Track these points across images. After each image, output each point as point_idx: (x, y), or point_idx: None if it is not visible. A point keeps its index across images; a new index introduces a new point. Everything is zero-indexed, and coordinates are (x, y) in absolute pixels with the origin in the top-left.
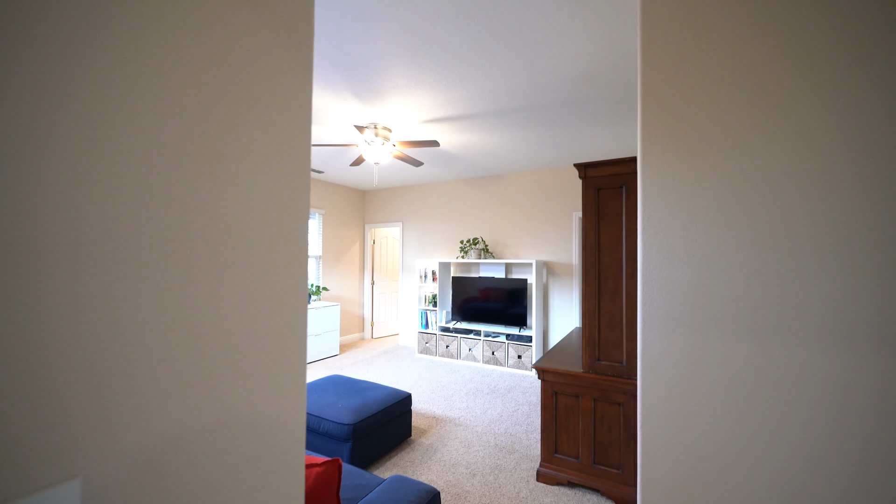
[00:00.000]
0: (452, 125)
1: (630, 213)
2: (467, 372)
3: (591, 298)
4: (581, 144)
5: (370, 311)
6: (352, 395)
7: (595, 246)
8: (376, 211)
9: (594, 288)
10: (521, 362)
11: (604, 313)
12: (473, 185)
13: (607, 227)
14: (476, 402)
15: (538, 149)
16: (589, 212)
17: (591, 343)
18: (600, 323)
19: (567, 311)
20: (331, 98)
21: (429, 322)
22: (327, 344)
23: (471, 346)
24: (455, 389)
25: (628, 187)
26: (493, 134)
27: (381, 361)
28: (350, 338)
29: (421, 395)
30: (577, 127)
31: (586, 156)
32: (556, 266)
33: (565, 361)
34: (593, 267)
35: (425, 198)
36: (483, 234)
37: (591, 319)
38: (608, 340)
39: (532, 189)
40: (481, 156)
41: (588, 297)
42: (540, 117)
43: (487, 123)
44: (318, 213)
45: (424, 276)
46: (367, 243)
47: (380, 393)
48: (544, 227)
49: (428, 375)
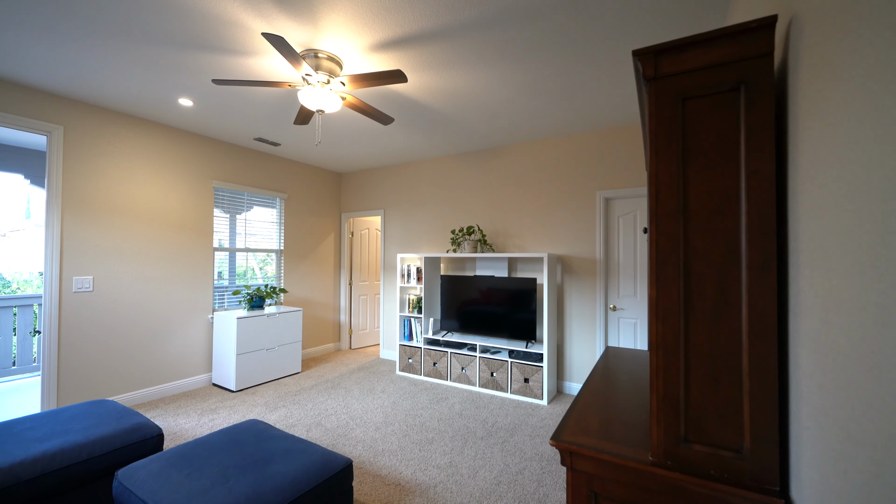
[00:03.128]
0: (424, 52)
1: (757, 141)
2: (458, 399)
3: (668, 315)
4: (612, 92)
5: (347, 317)
6: (249, 469)
7: (677, 211)
8: (354, 197)
9: (675, 294)
10: (528, 388)
11: (697, 346)
12: (468, 161)
13: (704, 175)
14: (464, 455)
15: (548, 104)
16: (663, 145)
17: (671, 405)
18: (689, 364)
19: (589, 320)
20: (238, 5)
21: (413, 332)
22: (285, 359)
23: (464, 364)
24: (438, 430)
25: (754, 89)
26: (484, 70)
27: (350, 383)
28: (322, 349)
29: (387, 441)
30: (608, 49)
31: (616, 115)
32: (575, 262)
33: (610, 428)
34: (673, 252)
35: (409, 179)
36: (480, 223)
37: (670, 357)
38: (707, 402)
39: (542, 163)
40: (474, 115)
41: (664, 313)
42: (549, 30)
43: (472, 47)
44: (277, 198)
45: (407, 274)
46: (343, 236)
47: (299, 464)
48: (558, 213)
49: (405, 405)
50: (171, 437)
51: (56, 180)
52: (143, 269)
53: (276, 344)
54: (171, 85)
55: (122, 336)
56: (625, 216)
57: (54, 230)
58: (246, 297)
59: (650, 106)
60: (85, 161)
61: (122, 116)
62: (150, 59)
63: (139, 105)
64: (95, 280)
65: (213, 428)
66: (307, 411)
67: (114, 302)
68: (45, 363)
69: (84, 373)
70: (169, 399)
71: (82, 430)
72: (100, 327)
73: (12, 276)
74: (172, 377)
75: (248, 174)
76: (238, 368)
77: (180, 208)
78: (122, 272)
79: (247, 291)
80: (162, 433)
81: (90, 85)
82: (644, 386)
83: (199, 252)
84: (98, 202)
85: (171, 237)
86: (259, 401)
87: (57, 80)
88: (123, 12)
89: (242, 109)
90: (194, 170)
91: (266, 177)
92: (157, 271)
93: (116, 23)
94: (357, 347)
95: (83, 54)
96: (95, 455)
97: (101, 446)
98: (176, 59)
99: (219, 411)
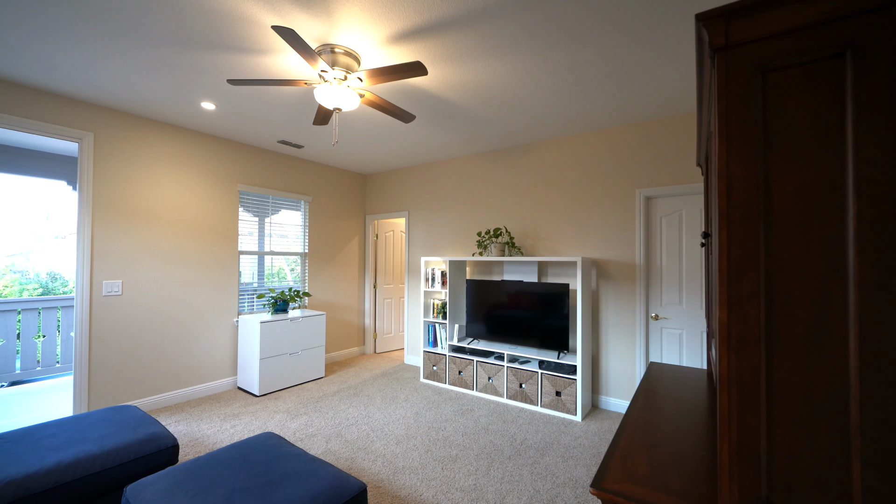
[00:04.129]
0: (446, 42)
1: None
2: (484, 412)
3: (743, 344)
4: (657, 76)
5: (372, 320)
6: (255, 493)
7: (755, 213)
8: (378, 199)
9: (752, 318)
10: (560, 402)
11: (785, 386)
12: (494, 159)
13: (793, 167)
14: (490, 477)
15: (583, 95)
16: (736, 131)
17: (747, 457)
18: (772, 408)
19: (627, 329)
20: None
21: (437, 338)
22: (308, 364)
23: (491, 373)
24: (462, 446)
25: (866, 53)
26: (512, 60)
27: (373, 390)
28: (346, 353)
29: (408, 456)
30: (656, 25)
31: (660, 103)
32: (611, 266)
33: (664, 475)
34: (749, 265)
35: (433, 179)
36: (508, 224)
37: (746, 398)
38: (799, 457)
39: (575, 160)
40: (500, 109)
41: (737, 342)
42: (588, 7)
43: (499, 34)
44: (301, 201)
45: (431, 278)
46: (368, 238)
47: (308, 489)
48: (593, 213)
49: (429, 416)
50: (192, 443)
51: (87, 186)
52: (169, 272)
53: (300, 348)
54: (191, 88)
55: (149, 339)
56: (668, 216)
57: (85, 235)
58: (270, 300)
59: (719, 82)
60: (114, 166)
61: (148, 122)
62: (169, 62)
63: (163, 109)
64: (124, 284)
65: (234, 435)
66: (328, 420)
67: (142, 305)
68: (77, 365)
69: (113, 375)
70: (194, 402)
71: (99, 440)
72: (128, 330)
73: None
74: (198, 380)
75: (272, 177)
76: (261, 373)
77: (206, 212)
78: (150, 276)
79: (271, 295)
80: (177, 444)
81: (116, 91)
82: (700, 417)
83: (224, 255)
84: (127, 207)
85: (197, 241)
86: (281, 407)
87: (86, 87)
88: (140, 14)
89: (264, 111)
90: (220, 173)
91: (290, 179)
92: (184, 275)
93: (133, 26)
94: (381, 352)
95: (107, 60)
96: (108, 467)
97: (116, 457)
98: (193, 60)
99: (241, 417)
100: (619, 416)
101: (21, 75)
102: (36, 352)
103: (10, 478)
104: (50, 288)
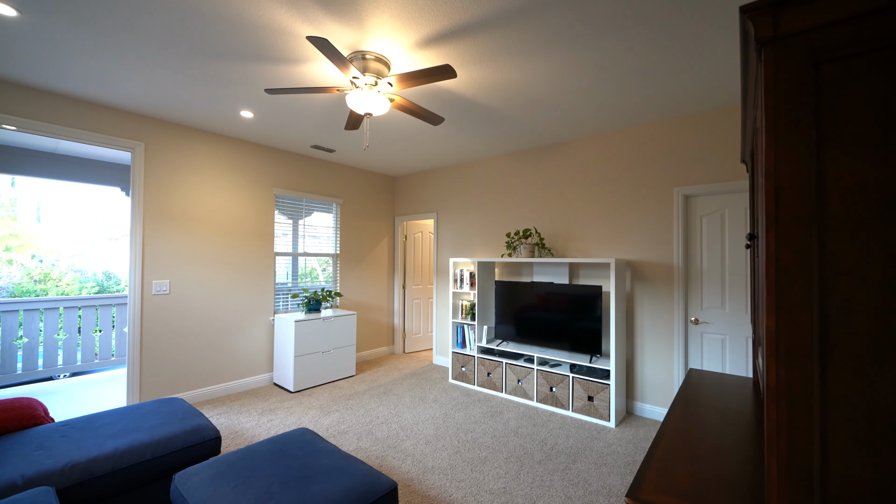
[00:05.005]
0: (476, 43)
1: None
2: (513, 414)
3: (793, 355)
4: (697, 71)
5: (401, 320)
6: (292, 486)
7: (808, 215)
8: (407, 200)
9: (804, 327)
10: (592, 407)
11: (842, 400)
12: (523, 159)
13: (852, 165)
14: (520, 481)
15: (617, 92)
16: (786, 127)
17: (799, 476)
18: (827, 424)
19: (664, 334)
20: (286, 10)
21: (465, 340)
22: (340, 362)
23: (520, 376)
24: (491, 448)
25: None
26: (542, 59)
27: (402, 389)
28: (376, 352)
29: (437, 456)
30: (695, 18)
31: (700, 98)
32: (647, 268)
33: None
34: (801, 271)
35: (462, 180)
36: (537, 225)
37: (796, 412)
38: (859, 478)
39: (608, 159)
40: (530, 108)
41: (786, 353)
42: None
43: (529, 33)
44: (333, 203)
45: (459, 279)
46: (397, 239)
47: (341, 485)
48: (627, 213)
49: (458, 417)
50: (233, 435)
51: (139, 192)
52: (211, 273)
53: (332, 347)
54: (232, 97)
55: (193, 336)
56: (709, 216)
57: (137, 237)
58: (304, 300)
59: (766, 77)
60: (162, 173)
61: (192, 130)
62: (213, 74)
63: (206, 118)
64: (171, 283)
65: (271, 429)
66: (359, 418)
67: (187, 304)
68: (130, 359)
69: (161, 369)
70: (234, 396)
71: (150, 429)
72: (174, 327)
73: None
74: (237, 376)
75: (306, 181)
76: (296, 370)
77: (245, 215)
78: (194, 276)
79: (304, 295)
80: (220, 436)
81: (165, 103)
82: (745, 430)
83: (261, 257)
84: (173, 211)
85: (236, 243)
86: (314, 403)
87: (138, 100)
88: (186, 32)
89: (298, 118)
90: (257, 178)
91: (323, 183)
92: (224, 275)
93: (180, 42)
94: (410, 351)
95: (156, 75)
96: (158, 455)
97: (165, 446)
98: (234, 71)
99: (277, 412)
100: (656, 424)
101: (82, 91)
102: (94, 345)
103: (74, 461)
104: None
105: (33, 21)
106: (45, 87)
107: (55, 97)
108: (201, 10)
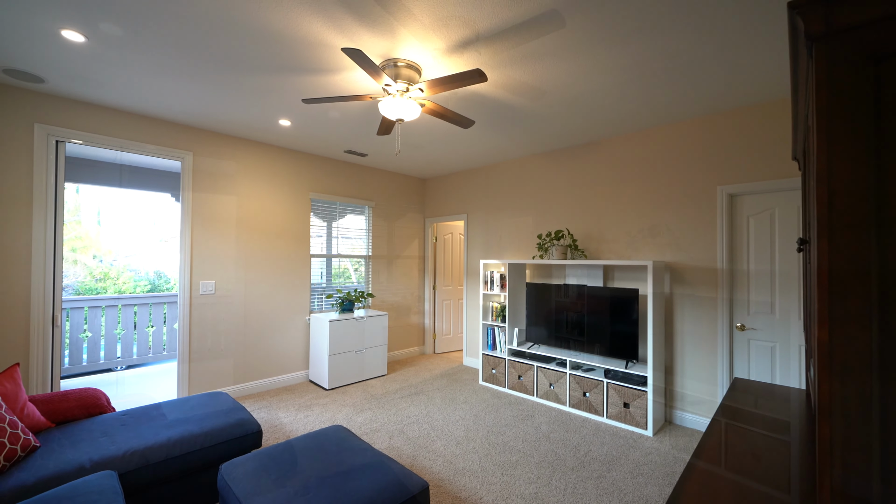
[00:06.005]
0: (506, 46)
1: None
2: (545, 419)
3: (848, 370)
4: (741, 63)
5: (432, 321)
6: (328, 482)
7: (865, 221)
8: (437, 202)
9: (861, 340)
10: (628, 414)
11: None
12: (554, 159)
13: None
14: (552, 487)
15: (655, 88)
16: (840, 129)
17: (854, 493)
18: (889, 447)
19: (707, 340)
20: (321, 23)
21: (496, 342)
22: (372, 361)
23: (552, 380)
24: (523, 452)
25: None
26: (575, 59)
27: (433, 390)
28: (407, 352)
29: (468, 458)
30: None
31: (745, 91)
32: (687, 270)
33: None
34: (858, 279)
35: (492, 181)
36: (570, 226)
37: (852, 433)
38: None
39: (644, 157)
40: (562, 109)
41: (841, 367)
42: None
43: (561, 35)
44: (365, 206)
45: (490, 281)
46: (427, 241)
47: (375, 483)
48: (665, 213)
49: (488, 420)
50: (272, 429)
51: (187, 197)
52: (252, 274)
53: (365, 346)
54: (272, 108)
55: (235, 333)
56: (757, 216)
57: (186, 240)
58: (338, 300)
59: (818, 74)
60: (208, 180)
61: (235, 139)
62: (254, 87)
63: (248, 128)
64: (216, 284)
65: (307, 425)
66: (391, 417)
67: (230, 303)
68: (180, 354)
69: (207, 364)
70: (273, 392)
71: (198, 421)
72: (219, 325)
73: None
74: (275, 372)
75: (339, 185)
76: (330, 368)
77: (282, 219)
78: (236, 277)
79: (338, 295)
80: (261, 430)
81: (210, 114)
82: (797, 446)
83: (298, 259)
84: (218, 216)
85: (275, 246)
86: (348, 401)
87: (186, 112)
88: (230, 47)
89: (332, 125)
90: (294, 183)
91: (355, 186)
92: (264, 276)
93: (225, 57)
94: (440, 352)
95: (206, 89)
96: (206, 446)
97: (213, 438)
98: (274, 83)
99: (312, 409)
100: (697, 434)
101: (140, 107)
102: (148, 340)
103: (133, 448)
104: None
105: (98, 45)
106: (107, 103)
107: (116, 112)
108: (247, 28)
